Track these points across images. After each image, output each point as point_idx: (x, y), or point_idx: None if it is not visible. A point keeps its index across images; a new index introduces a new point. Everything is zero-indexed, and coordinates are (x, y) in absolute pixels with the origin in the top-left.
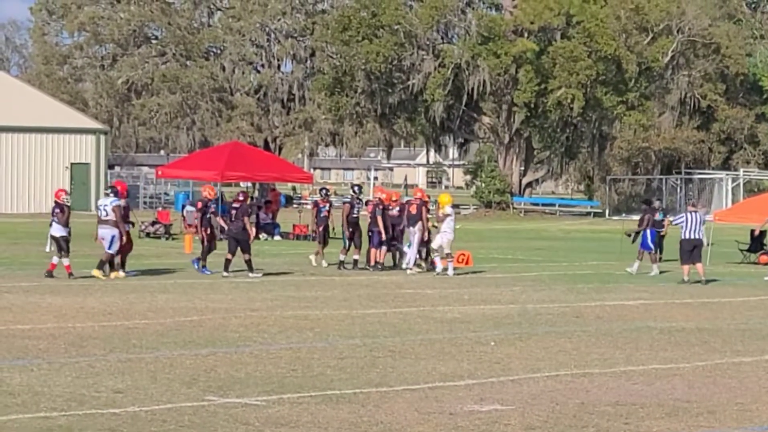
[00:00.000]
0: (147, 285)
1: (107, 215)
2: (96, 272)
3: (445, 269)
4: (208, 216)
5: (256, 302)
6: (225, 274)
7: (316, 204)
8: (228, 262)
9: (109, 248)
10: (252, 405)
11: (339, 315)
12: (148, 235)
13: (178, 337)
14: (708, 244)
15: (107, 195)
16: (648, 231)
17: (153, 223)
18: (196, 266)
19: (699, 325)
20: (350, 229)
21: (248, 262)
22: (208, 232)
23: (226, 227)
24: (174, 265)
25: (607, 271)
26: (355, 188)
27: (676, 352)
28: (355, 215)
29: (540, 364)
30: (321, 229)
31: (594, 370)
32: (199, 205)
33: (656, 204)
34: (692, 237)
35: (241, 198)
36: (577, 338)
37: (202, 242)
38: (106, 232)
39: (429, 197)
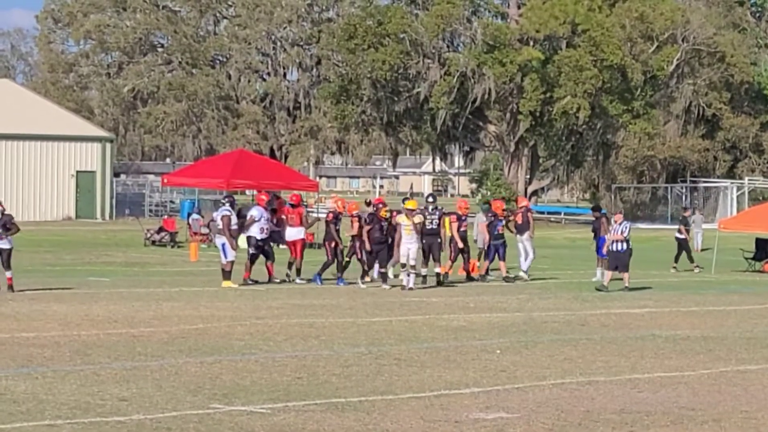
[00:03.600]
0: (152, 293)
1: (220, 225)
2: (225, 284)
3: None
4: (338, 228)
5: (261, 310)
6: (386, 286)
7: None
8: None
9: (224, 257)
10: (257, 413)
11: (344, 323)
12: (153, 242)
13: (183, 345)
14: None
15: (222, 204)
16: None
17: (159, 231)
18: (318, 282)
19: (704, 333)
20: (423, 241)
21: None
22: (333, 245)
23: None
24: (180, 273)
25: (612, 279)
26: (429, 198)
27: (681, 361)
28: (429, 227)
29: (545, 372)
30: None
31: (599, 378)
32: (330, 216)
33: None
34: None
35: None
36: (582, 346)
37: (331, 254)
38: (218, 241)
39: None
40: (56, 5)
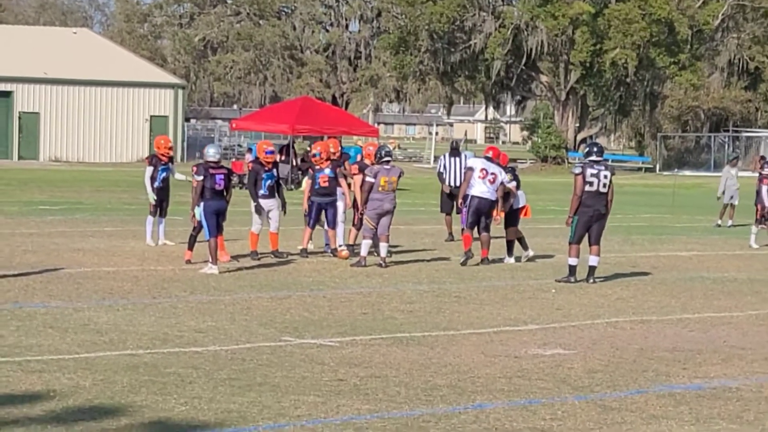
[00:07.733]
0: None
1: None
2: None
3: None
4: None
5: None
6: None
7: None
8: None
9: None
10: (327, 345)
11: (406, 262)
12: None
13: (254, 281)
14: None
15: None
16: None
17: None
18: None
19: (751, 276)
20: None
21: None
22: None
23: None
24: (249, 213)
25: (660, 224)
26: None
27: (729, 302)
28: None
29: (599, 311)
30: None
31: (651, 318)
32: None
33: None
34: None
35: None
36: (633, 287)
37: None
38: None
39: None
40: None
